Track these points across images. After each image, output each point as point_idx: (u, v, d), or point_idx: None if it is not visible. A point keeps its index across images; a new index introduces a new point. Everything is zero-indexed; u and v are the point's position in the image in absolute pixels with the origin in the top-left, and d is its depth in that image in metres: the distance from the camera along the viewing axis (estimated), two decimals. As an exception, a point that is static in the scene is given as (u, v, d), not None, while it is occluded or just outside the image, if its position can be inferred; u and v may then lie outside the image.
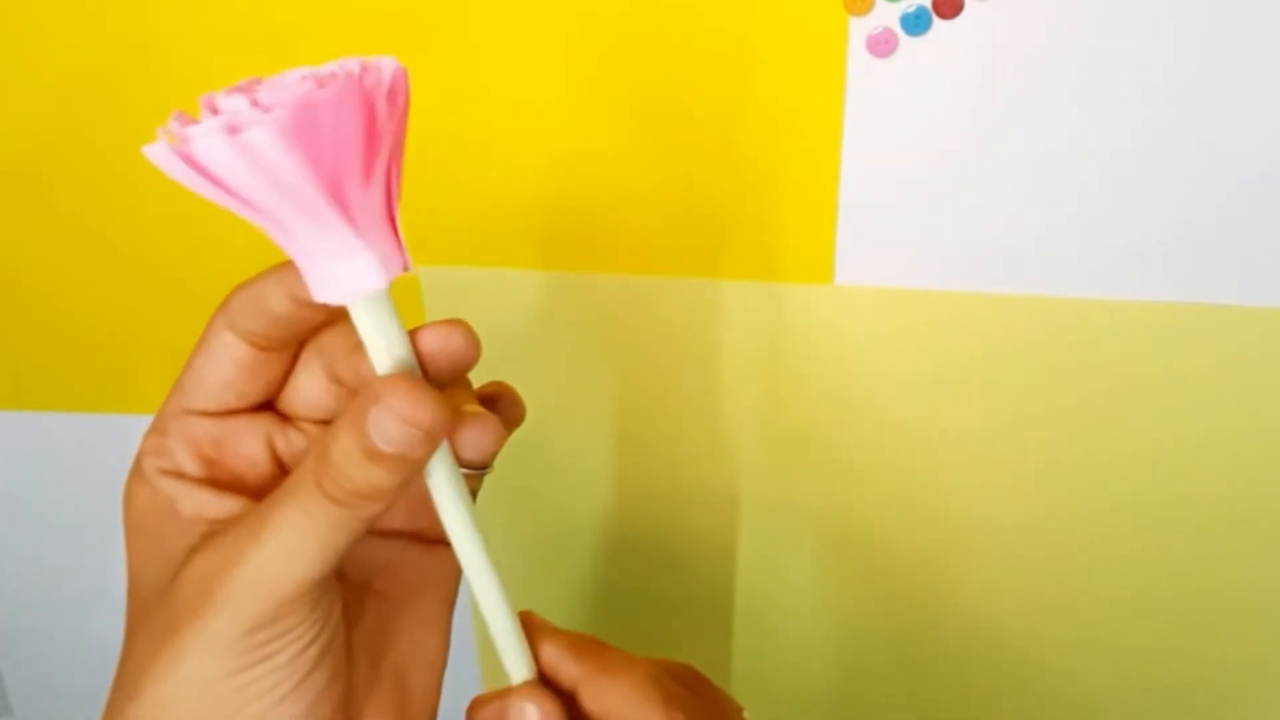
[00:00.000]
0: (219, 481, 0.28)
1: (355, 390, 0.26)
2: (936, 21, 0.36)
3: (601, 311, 0.43)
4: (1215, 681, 0.48)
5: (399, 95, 0.23)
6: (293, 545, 0.24)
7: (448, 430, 0.25)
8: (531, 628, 0.30)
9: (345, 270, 0.23)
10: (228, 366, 0.27)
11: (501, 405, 0.28)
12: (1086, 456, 0.43)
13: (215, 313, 0.27)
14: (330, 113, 0.21)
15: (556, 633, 0.30)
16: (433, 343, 0.26)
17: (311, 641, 0.25)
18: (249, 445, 0.28)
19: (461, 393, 0.28)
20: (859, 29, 0.36)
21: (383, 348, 0.24)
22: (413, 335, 0.25)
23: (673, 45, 0.37)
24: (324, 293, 0.23)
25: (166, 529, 0.27)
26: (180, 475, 0.27)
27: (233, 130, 0.21)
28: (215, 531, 0.26)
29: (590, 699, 0.29)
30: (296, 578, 0.24)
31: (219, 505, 0.27)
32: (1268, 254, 0.38)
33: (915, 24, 0.36)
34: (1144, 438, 0.42)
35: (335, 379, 0.28)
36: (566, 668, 0.29)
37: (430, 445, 0.24)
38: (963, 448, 0.44)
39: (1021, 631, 0.48)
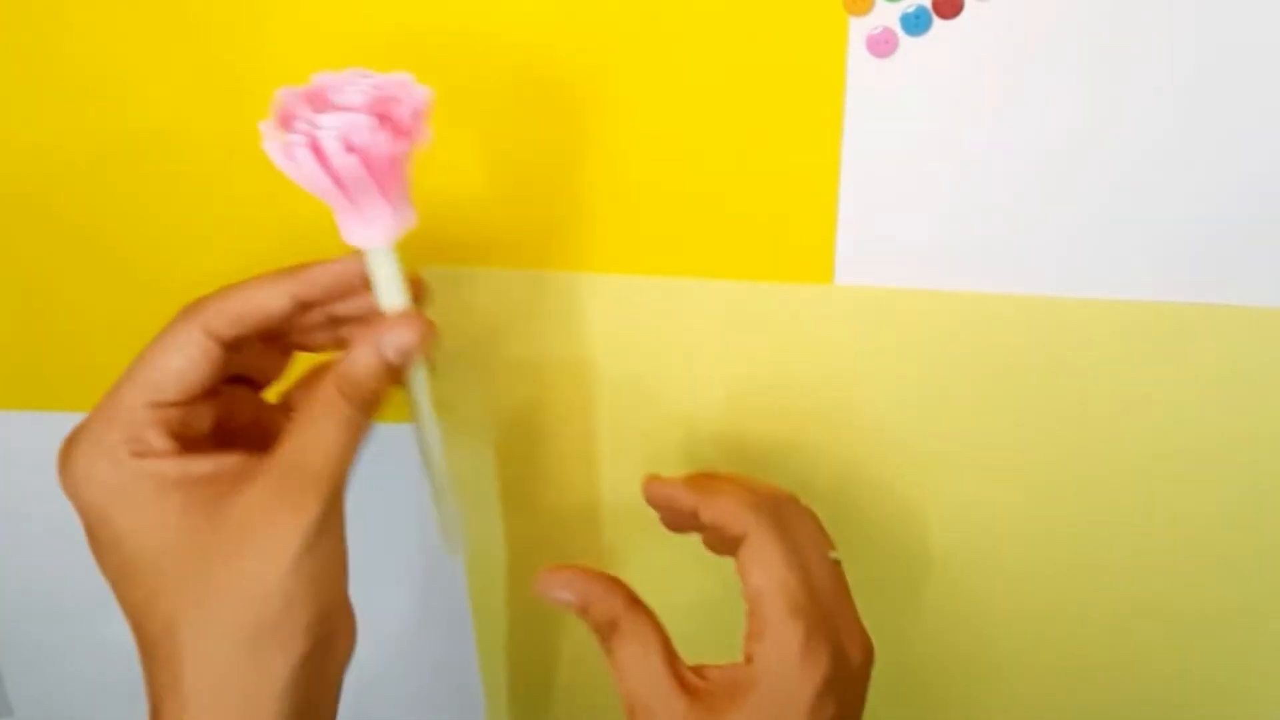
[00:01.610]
0: (193, 447, 0.34)
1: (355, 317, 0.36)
2: (936, 21, 0.36)
3: (601, 311, 0.43)
4: (1214, 692, 0.48)
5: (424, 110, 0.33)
6: (332, 431, 0.33)
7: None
8: (659, 481, 0.39)
9: (385, 224, 0.33)
10: (203, 365, 0.34)
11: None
12: (1087, 457, 0.43)
13: (187, 318, 0.34)
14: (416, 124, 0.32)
15: (677, 479, 0.38)
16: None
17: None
18: (213, 410, 0.35)
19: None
20: (859, 29, 0.36)
21: (393, 286, 0.34)
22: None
23: (672, 45, 0.37)
24: (367, 239, 0.33)
25: (151, 497, 0.33)
26: (157, 453, 0.33)
27: (376, 126, 0.31)
28: (210, 478, 0.33)
29: (704, 514, 0.36)
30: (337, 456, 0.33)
31: (200, 464, 0.33)
32: (1268, 254, 0.38)
33: (915, 24, 0.36)
34: (1145, 438, 0.42)
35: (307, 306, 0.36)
36: (683, 496, 0.37)
37: (413, 358, 0.35)
38: (962, 447, 0.44)
39: (1023, 636, 0.48)
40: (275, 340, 0.37)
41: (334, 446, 0.33)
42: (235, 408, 0.36)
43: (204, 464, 0.33)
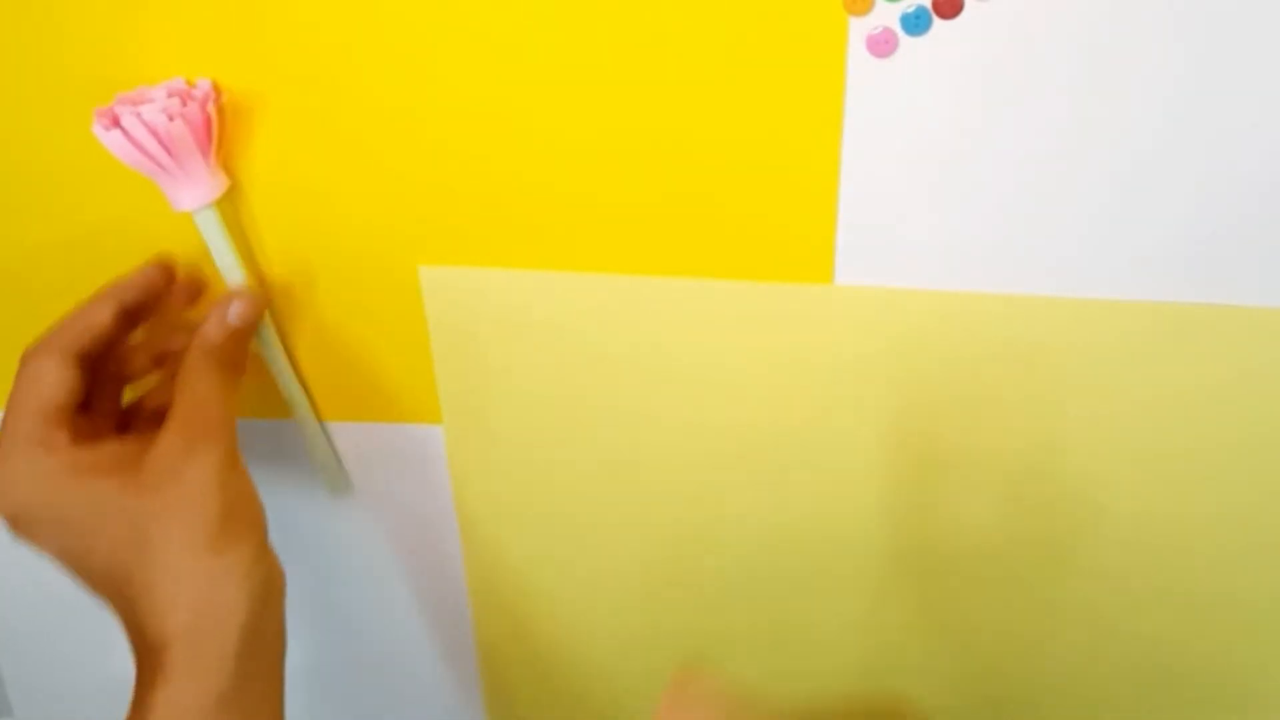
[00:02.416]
0: (84, 438, 0.40)
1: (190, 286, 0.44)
2: (936, 21, 0.36)
3: (601, 311, 0.43)
4: (1215, 693, 0.48)
5: (213, 102, 0.40)
6: (211, 384, 0.40)
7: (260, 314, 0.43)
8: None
9: (198, 191, 0.40)
10: (68, 380, 0.39)
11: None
12: (1087, 457, 0.43)
13: (37, 351, 0.40)
14: (205, 113, 0.40)
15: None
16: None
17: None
18: (92, 423, 0.41)
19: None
20: (859, 29, 0.36)
21: (222, 244, 0.42)
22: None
23: (672, 45, 0.37)
24: (191, 201, 0.41)
25: (75, 479, 0.38)
26: (64, 447, 0.39)
27: (171, 116, 0.38)
28: (118, 453, 0.39)
29: None
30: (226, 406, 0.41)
31: (104, 448, 0.39)
32: (1268, 254, 0.38)
33: (915, 24, 0.36)
34: (1144, 438, 0.42)
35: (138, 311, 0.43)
36: None
37: (255, 321, 0.43)
38: (963, 448, 0.44)
39: (1021, 634, 0.48)
40: (114, 366, 0.43)
41: (216, 395, 0.40)
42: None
43: (107, 447, 0.40)
